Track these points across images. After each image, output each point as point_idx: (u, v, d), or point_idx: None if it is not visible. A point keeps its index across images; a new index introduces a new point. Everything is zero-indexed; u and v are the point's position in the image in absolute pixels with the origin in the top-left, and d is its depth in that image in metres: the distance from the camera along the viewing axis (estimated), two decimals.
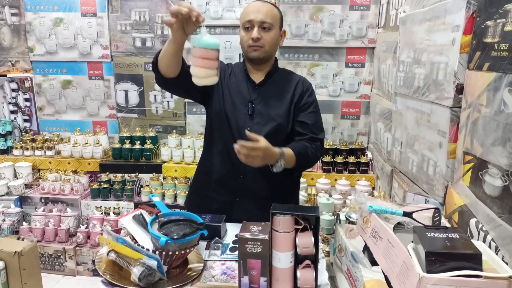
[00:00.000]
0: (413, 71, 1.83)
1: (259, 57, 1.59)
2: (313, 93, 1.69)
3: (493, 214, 1.11)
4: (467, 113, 1.31)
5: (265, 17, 1.54)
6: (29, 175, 3.23)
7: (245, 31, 1.58)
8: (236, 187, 1.63)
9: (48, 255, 2.95)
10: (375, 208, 1.10)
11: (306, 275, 1.06)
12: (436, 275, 0.82)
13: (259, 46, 1.56)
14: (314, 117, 1.66)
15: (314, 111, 1.66)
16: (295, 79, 1.68)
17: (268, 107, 1.62)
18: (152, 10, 3.16)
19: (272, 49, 1.61)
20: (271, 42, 1.58)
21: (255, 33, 1.53)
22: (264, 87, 1.65)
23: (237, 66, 1.73)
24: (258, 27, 1.54)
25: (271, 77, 1.66)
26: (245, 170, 1.58)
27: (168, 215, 1.27)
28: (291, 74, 1.73)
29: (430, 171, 1.64)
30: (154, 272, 1.07)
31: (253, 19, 1.54)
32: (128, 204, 3.02)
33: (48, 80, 3.43)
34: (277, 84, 1.66)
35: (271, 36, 1.57)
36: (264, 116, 1.61)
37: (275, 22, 1.58)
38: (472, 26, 1.32)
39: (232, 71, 1.71)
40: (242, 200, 1.63)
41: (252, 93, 1.64)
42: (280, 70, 1.72)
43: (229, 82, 1.67)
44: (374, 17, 2.93)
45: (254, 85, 1.65)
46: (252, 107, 1.61)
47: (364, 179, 2.75)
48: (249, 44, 1.56)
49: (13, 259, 1.66)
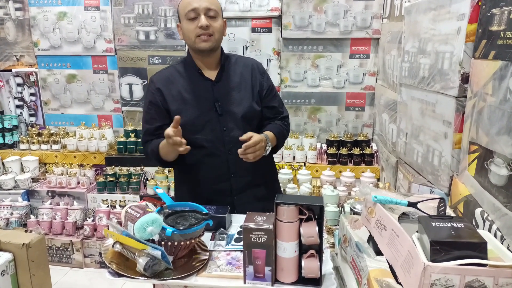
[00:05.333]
0: (418, 61, 1.81)
1: (210, 47, 1.50)
2: (268, 76, 1.69)
3: (498, 203, 1.11)
4: (473, 102, 1.30)
5: (210, 4, 1.47)
6: (36, 169, 3.26)
7: (190, 21, 1.48)
8: (232, 187, 1.59)
9: (55, 248, 2.99)
10: (380, 198, 1.10)
11: (310, 264, 1.07)
12: (440, 264, 0.82)
13: (209, 34, 1.48)
14: (277, 98, 1.70)
15: (275, 92, 1.69)
16: (248, 65, 1.64)
17: (234, 102, 1.57)
18: (155, 3, 3.15)
19: (221, 38, 1.54)
20: (220, 30, 1.52)
21: (203, 20, 1.45)
22: (221, 83, 1.58)
23: (183, 67, 1.60)
24: (204, 15, 1.46)
25: (224, 70, 1.59)
26: (234, 168, 1.58)
27: (172, 206, 1.28)
28: (241, 59, 1.68)
29: (435, 161, 1.64)
30: (159, 261, 1.08)
31: (197, 7, 1.45)
32: (134, 197, 3.04)
33: (53, 75, 3.44)
34: (233, 75, 1.60)
35: (219, 23, 1.51)
36: (234, 112, 1.56)
37: (219, 10, 1.52)
38: (478, 14, 1.31)
39: (179, 74, 1.59)
40: (241, 196, 1.60)
41: (212, 92, 1.56)
42: (229, 58, 1.64)
43: (182, 89, 1.56)
44: (378, 7, 2.90)
45: (211, 82, 1.57)
46: (220, 106, 1.54)
47: (369, 170, 2.74)
48: (197, 33, 1.47)
49: (21, 251, 1.68)
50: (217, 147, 1.56)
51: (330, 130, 3.16)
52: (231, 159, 1.56)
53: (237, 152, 1.43)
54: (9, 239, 1.71)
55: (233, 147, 1.54)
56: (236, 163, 1.55)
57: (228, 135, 1.55)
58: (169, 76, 1.59)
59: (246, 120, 1.58)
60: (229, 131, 1.55)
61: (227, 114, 1.56)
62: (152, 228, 1.09)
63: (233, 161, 1.56)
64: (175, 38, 3.19)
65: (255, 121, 1.63)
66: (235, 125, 1.56)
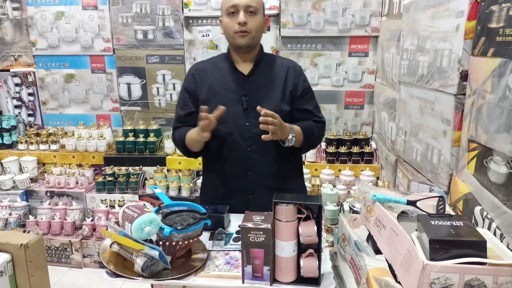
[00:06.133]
0: (417, 59, 1.80)
1: (247, 43, 1.52)
2: (305, 78, 1.65)
3: (498, 201, 1.11)
4: (472, 100, 1.30)
5: (251, 1, 1.48)
6: (34, 169, 3.25)
7: (230, 16, 1.50)
8: (248, 185, 1.59)
9: (54, 248, 2.98)
10: (379, 197, 1.09)
11: (309, 263, 1.06)
12: (440, 263, 0.81)
13: (246, 31, 1.50)
14: (313, 102, 1.65)
15: (311, 95, 1.65)
16: (285, 65, 1.63)
17: (262, 99, 1.56)
18: (153, 2, 3.14)
19: (259, 35, 1.56)
20: (258, 27, 1.52)
21: (242, 17, 1.47)
22: (253, 78, 1.59)
23: (220, 60, 1.65)
24: (243, 11, 1.48)
25: (259, 66, 1.60)
26: (253, 167, 1.57)
27: (170, 206, 1.27)
28: (280, 59, 1.68)
29: (434, 159, 1.63)
30: (157, 262, 1.07)
31: (237, 3, 1.47)
32: (133, 196, 3.03)
33: (51, 74, 3.43)
34: (267, 73, 1.61)
35: (257, 21, 1.51)
36: None
37: (260, 7, 1.52)
38: (477, 11, 1.30)
39: (215, 66, 1.63)
40: (256, 196, 1.59)
41: (242, 86, 1.58)
42: (267, 56, 1.65)
43: (214, 80, 1.60)
44: (377, 5, 2.90)
45: (243, 77, 1.58)
46: (247, 101, 1.55)
47: (368, 169, 2.74)
48: (235, 29, 1.49)
49: (19, 252, 1.67)
50: (237, 141, 1.55)
51: (329, 128, 3.15)
52: (249, 156, 1.56)
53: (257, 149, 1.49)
54: (7, 239, 1.70)
55: (253, 143, 1.54)
56: (254, 161, 1.55)
57: (250, 130, 1.54)
58: (206, 66, 1.65)
59: None
60: (251, 127, 1.54)
61: (253, 109, 1.53)
62: (150, 228, 1.08)
63: (252, 158, 1.56)
64: (173, 37, 3.18)
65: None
66: (258, 121, 1.52)
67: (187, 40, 3.16)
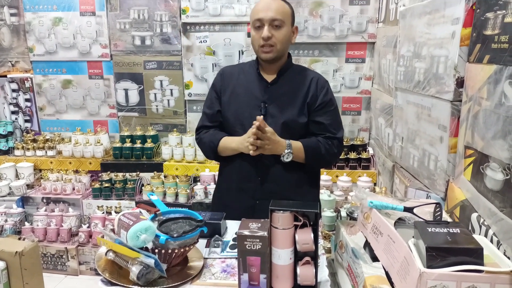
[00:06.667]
0: (413, 65, 1.81)
1: (271, 58, 1.55)
2: (329, 91, 1.63)
3: (494, 208, 1.10)
4: (468, 106, 1.30)
5: (276, 14, 1.49)
6: (31, 176, 3.24)
7: (256, 30, 1.54)
8: (256, 191, 1.60)
9: (50, 255, 2.96)
10: (376, 203, 1.09)
11: (306, 271, 1.05)
12: (436, 270, 0.81)
13: (270, 45, 1.52)
14: (330, 116, 1.62)
15: (330, 110, 1.62)
16: (309, 77, 1.63)
17: (281, 107, 1.58)
18: (151, 8, 3.15)
19: (284, 47, 1.57)
20: (283, 40, 1.53)
21: (266, 32, 1.49)
22: (276, 86, 1.61)
23: (249, 65, 1.69)
24: (268, 25, 1.49)
25: (283, 75, 1.62)
26: (262, 172, 1.58)
27: (167, 213, 1.27)
28: (305, 70, 1.68)
29: (431, 166, 1.63)
30: (153, 270, 1.06)
31: (263, 17, 1.49)
32: (130, 203, 3.02)
33: (48, 80, 3.42)
34: (290, 82, 1.62)
35: (282, 34, 1.52)
36: (277, 117, 1.58)
37: (286, 19, 1.53)
38: (472, 18, 1.31)
39: (242, 70, 1.68)
40: (262, 203, 1.57)
41: (264, 93, 1.60)
42: (294, 67, 1.67)
43: (238, 84, 1.64)
44: (374, 11, 2.91)
45: (266, 84, 1.61)
46: (265, 107, 1.57)
47: (365, 175, 2.74)
48: (260, 43, 1.52)
49: (14, 259, 1.65)
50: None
51: None
52: (261, 162, 1.57)
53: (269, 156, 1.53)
54: (2, 247, 1.68)
55: None
56: (265, 167, 1.57)
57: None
58: (233, 70, 1.70)
59: (285, 128, 1.57)
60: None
61: (270, 117, 1.57)
62: (146, 235, 1.07)
63: (263, 164, 1.58)
64: (171, 43, 3.19)
65: (296, 132, 1.59)
66: (274, 129, 1.54)
67: (185, 46, 3.17)
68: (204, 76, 3.19)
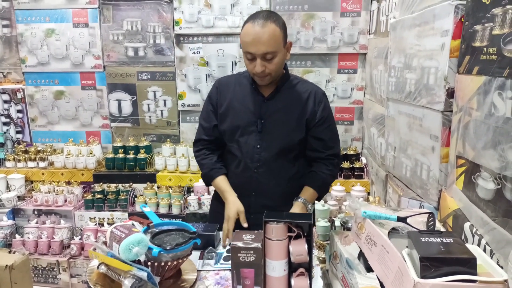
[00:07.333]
0: (404, 76, 1.83)
1: (266, 83, 1.53)
2: (326, 106, 1.61)
3: (487, 217, 1.11)
4: (458, 117, 1.32)
5: (267, 48, 1.40)
6: (22, 187, 3.20)
7: (248, 59, 1.47)
8: (250, 204, 1.59)
9: (41, 268, 2.91)
10: (370, 213, 1.09)
11: (300, 283, 1.05)
12: (430, 281, 0.81)
13: (264, 75, 1.48)
14: (330, 131, 1.62)
15: (329, 125, 1.62)
16: (306, 91, 1.60)
17: (277, 123, 1.57)
18: (144, 20, 3.17)
19: (279, 70, 1.53)
20: (277, 68, 1.48)
21: (259, 66, 1.43)
22: (272, 101, 1.58)
23: (244, 77, 1.64)
24: (260, 59, 1.43)
25: (280, 90, 1.59)
26: (256, 187, 1.59)
27: (159, 225, 1.26)
28: (302, 83, 1.64)
29: (423, 175, 1.64)
30: (146, 283, 1.05)
31: (254, 52, 1.42)
32: (122, 214, 2.99)
33: (40, 91, 3.40)
34: (287, 97, 1.59)
35: (275, 63, 1.46)
36: (274, 133, 1.56)
37: (279, 46, 1.44)
38: (461, 30, 1.33)
39: (238, 82, 1.64)
40: (258, 217, 1.58)
41: (260, 108, 1.57)
42: (291, 79, 1.63)
43: (234, 97, 1.61)
44: (365, 23, 2.95)
45: (262, 98, 1.58)
46: (262, 123, 1.55)
47: (359, 184, 2.74)
48: (253, 72, 1.48)
49: (4, 273, 1.63)
50: (246, 161, 1.57)
51: None
52: (255, 178, 1.58)
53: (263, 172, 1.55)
54: None
55: (260, 166, 1.56)
56: (259, 182, 1.58)
57: (259, 153, 1.56)
58: (230, 81, 1.67)
59: (282, 145, 1.56)
60: (261, 150, 1.56)
61: (266, 133, 1.55)
62: (138, 248, 1.06)
63: (257, 180, 1.58)
64: (164, 54, 3.20)
65: (293, 148, 1.59)
66: (269, 145, 1.54)
67: (178, 57, 3.18)
68: (198, 87, 3.19)
